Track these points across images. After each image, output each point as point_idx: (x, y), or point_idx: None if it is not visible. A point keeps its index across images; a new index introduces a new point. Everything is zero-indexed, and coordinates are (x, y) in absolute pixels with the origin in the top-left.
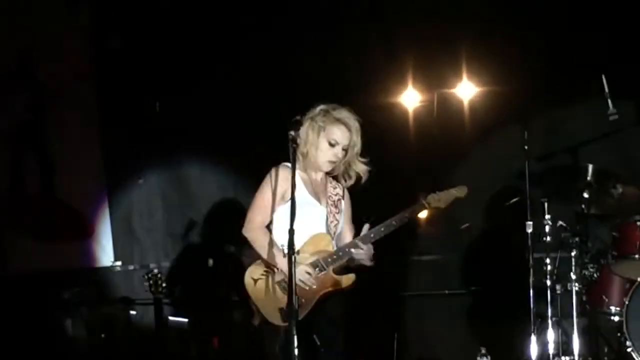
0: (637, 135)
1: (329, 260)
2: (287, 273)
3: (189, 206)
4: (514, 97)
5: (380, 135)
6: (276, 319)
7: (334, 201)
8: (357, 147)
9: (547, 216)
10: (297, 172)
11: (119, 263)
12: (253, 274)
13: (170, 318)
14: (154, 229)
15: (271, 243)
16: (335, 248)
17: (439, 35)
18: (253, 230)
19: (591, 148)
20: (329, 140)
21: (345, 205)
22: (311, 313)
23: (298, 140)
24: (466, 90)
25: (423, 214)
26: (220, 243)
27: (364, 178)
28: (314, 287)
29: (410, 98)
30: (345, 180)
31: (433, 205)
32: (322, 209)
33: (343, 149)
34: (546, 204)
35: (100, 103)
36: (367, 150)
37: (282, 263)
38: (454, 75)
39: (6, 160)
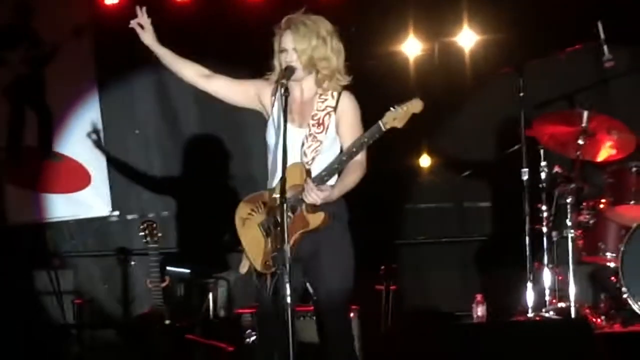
0: (633, 82)
1: (295, 197)
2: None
3: (186, 153)
4: (513, 45)
5: (381, 84)
6: (258, 265)
7: (318, 119)
8: (319, 50)
9: (543, 163)
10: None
11: (117, 212)
12: (241, 212)
13: (169, 268)
14: (151, 176)
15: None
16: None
17: None
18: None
19: (587, 94)
20: (280, 47)
21: (341, 115)
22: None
23: (287, 87)
24: (467, 38)
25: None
26: (220, 186)
27: (341, 82)
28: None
29: (411, 47)
30: (331, 84)
31: (389, 126)
32: (298, 132)
33: (295, 53)
34: (542, 151)
35: (98, 56)
36: (369, 100)
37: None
38: (455, 23)
39: (4, 113)
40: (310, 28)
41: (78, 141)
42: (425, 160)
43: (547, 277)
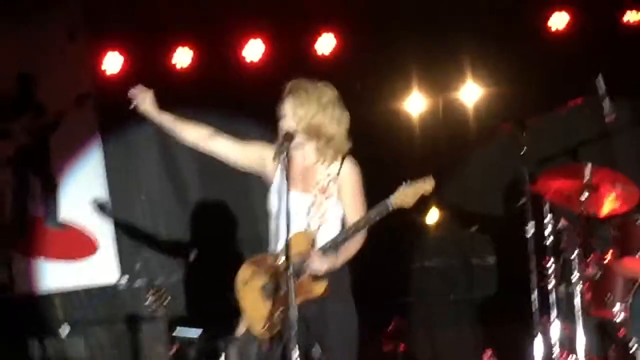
0: (635, 135)
1: (298, 265)
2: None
3: (191, 218)
4: (515, 99)
5: (386, 141)
6: (256, 328)
7: (322, 186)
8: (318, 117)
9: (548, 217)
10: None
11: (125, 279)
12: (243, 274)
13: (179, 331)
14: (158, 242)
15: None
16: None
17: (441, 38)
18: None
19: (589, 148)
20: (279, 114)
21: (342, 182)
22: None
23: (287, 153)
24: (470, 92)
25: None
26: (226, 249)
27: (341, 150)
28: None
29: (415, 102)
30: (330, 153)
31: (398, 205)
32: (303, 199)
33: (293, 120)
34: (547, 206)
35: (101, 124)
36: (374, 156)
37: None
38: (458, 78)
39: (9, 183)
40: (311, 94)
41: (83, 208)
42: (431, 216)
43: (555, 331)
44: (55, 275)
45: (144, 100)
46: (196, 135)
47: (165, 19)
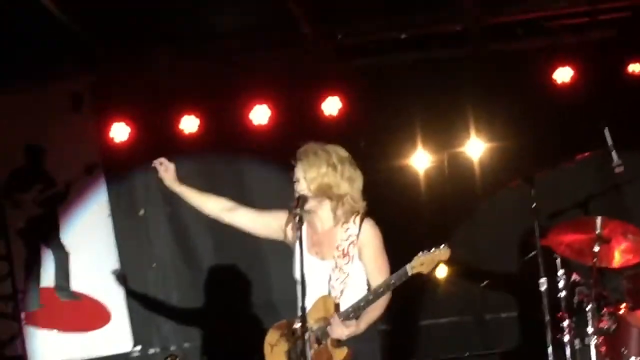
0: None
1: (322, 329)
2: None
3: (205, 282)
4: (521, 153)
5: (393, 198)
6: None
7: (342, 250)
8: (327, 178)
9: (561, 271)
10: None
11: (138, 348)
12: (270, 338)
13: None
14: (171, 309)
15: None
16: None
17: (444, 94)
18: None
19: (599, 201)
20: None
21: (363, 245)
22: None
23: (302, 217)
24: (475, 147)
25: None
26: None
27: (355, 208)
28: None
29: (420, 159)
30: (352, 217)
31: (416, 271)
32: (324, 265)
33: (305, 183)
34: (559, 260)
35: (110, 192)
36: (381, 213)
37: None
38: (462, 133)
39: (20, 256)
40: (320, 156)
41: (95, 279)
42: (441, 271)
43: None
44: (69, 346)
45: (166, 172)
46: (217, 207)
47: (171, 87)
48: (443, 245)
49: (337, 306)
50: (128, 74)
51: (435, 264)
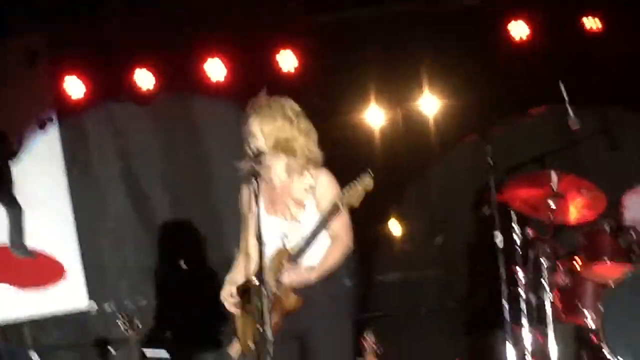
0: (600, 141)
1: (278, 279)
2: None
3: (160, 239)
4: (476, 109)
5: (346, 154)
6: (245, 346)
7: (297, 199)
8: (285, 132)
9: (516, 226)
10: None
11: (93, 305)
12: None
13: (149, 353)
14: (126, 266)
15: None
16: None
17: (399, 51)
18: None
19: (555, 157)
20: (247, 133)
21: (322, 196)
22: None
23: (258, 172)
24: (429, 104)
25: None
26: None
27: (312, 158)
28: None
29: (374, 115)
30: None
31: (347, 205)
32: (282, 223)
33: (262, 137)
34: (514, 215)
35: (65, 149)
36: (335, 169)
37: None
38: (416, 89)
39: None
40: (275, 109)
41: (50, 235)
42: (395, 228)
43: (527, 339)
44: (23, 303)
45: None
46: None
47: (125, 42)
48: (365, 173)
49: (289, 256)
50: (81, 29)
51: (362, 195)
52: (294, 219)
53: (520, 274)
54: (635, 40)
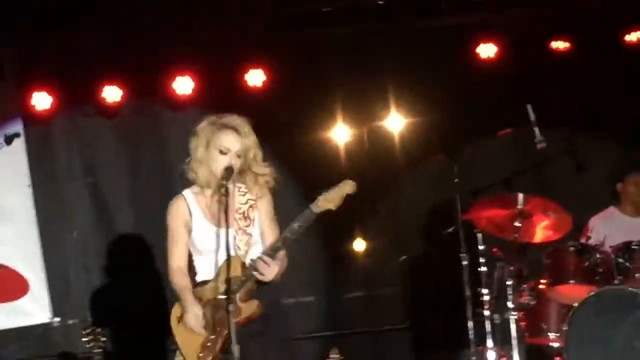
0: (566, 163)
1: (235, 287)
2: (186, 316)
3: (123, 254)
4: (442, 128)
5: (313, 171)
6: (192, 359)
7: (242, 212)
8: (254, 151)
9: (482, 247)
10: (194, 197)
11: (57, 319)
12: (176, 312)
13: None
14: (91, 280)
15: (183, 285)
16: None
17: (367, 69)
18: (171, 274)
19: (522, 178)
20: (220, 148)
21: (261, 208)
22: (223, 349)
23: (228, 188)
24: (395, 122)
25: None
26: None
27: (270, 183)
28: (202, 331)
29: (340, 133)
30: (256, 188)
31: (322, 208)
32: (225, 232)
33: (237, 155)
34: (479, 235)
35: (30, 162)
36: (301, 186)
37: (189, 305)
38: (382, 108)
39: None
40: (250, 131)
41: (14, 249)
42: (359, 245)
43: (491, 359)
44: None
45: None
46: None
47: (94, 57)
48: (345, 180)
49: (243, 264)
50: (50, 43)
51: (342, 197)
52: (242, 230)
53: (485, 294)
54: (602, 61)
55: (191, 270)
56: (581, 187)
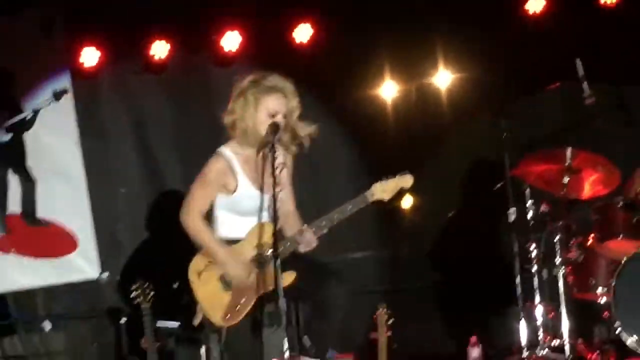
0: (615, 118)
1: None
2: (226, 267)
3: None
4: (490, 84)
5: (360, 128)
6: (216, 318)
7: (277, 179)
8: (297, 111)
9: (530, 202)
10: (235, 155)
11: (106, 275)
12: (197, 265)
13: (160, 323)
14: (139, 236)
15: (210, 233)
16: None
17: (414, 25)
18: (193, 218)
19: (570, 132)
20: (269, 111)
21: (286, 173)
22: (251, 313)
23: (276, 146)
24: (443, 78)
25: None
26: None
27: (306, 141)
28: (248, 285)
29: (388, 89)
30: (291, 147)
31: (376, 197)
32: (264, 197)
33: (284, 117)
34: (528, 190)
35: (78, 118)
36: (348, 144)
37: (222, 256)
38: (431, 64)
39: None
40: (293, 92)
41: (63, 206)
42: (407, 201)
43: (539, 315)
44: (36, 272)
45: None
46: None
47: (142, 12)
48: (406, 172)
49: (276, 232)
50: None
51: (397, 190)
52: (276, 197)
53: (533, 249)
54: None
55: None
56: (629, 142)
